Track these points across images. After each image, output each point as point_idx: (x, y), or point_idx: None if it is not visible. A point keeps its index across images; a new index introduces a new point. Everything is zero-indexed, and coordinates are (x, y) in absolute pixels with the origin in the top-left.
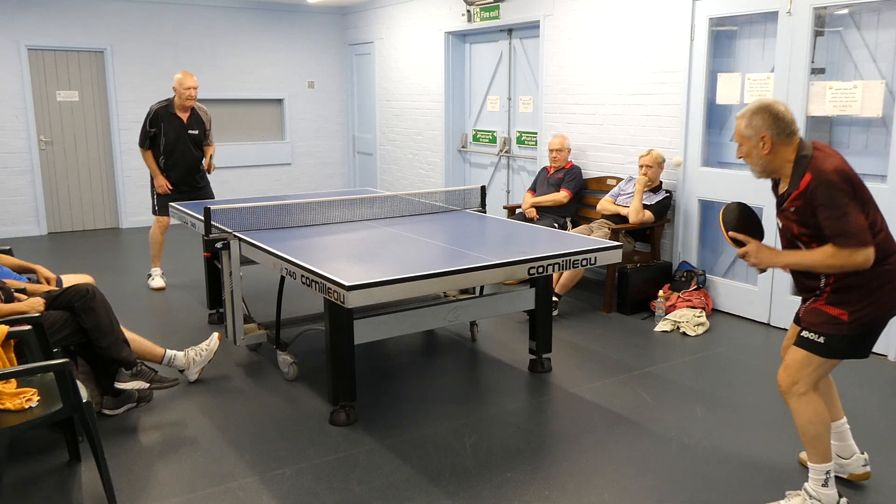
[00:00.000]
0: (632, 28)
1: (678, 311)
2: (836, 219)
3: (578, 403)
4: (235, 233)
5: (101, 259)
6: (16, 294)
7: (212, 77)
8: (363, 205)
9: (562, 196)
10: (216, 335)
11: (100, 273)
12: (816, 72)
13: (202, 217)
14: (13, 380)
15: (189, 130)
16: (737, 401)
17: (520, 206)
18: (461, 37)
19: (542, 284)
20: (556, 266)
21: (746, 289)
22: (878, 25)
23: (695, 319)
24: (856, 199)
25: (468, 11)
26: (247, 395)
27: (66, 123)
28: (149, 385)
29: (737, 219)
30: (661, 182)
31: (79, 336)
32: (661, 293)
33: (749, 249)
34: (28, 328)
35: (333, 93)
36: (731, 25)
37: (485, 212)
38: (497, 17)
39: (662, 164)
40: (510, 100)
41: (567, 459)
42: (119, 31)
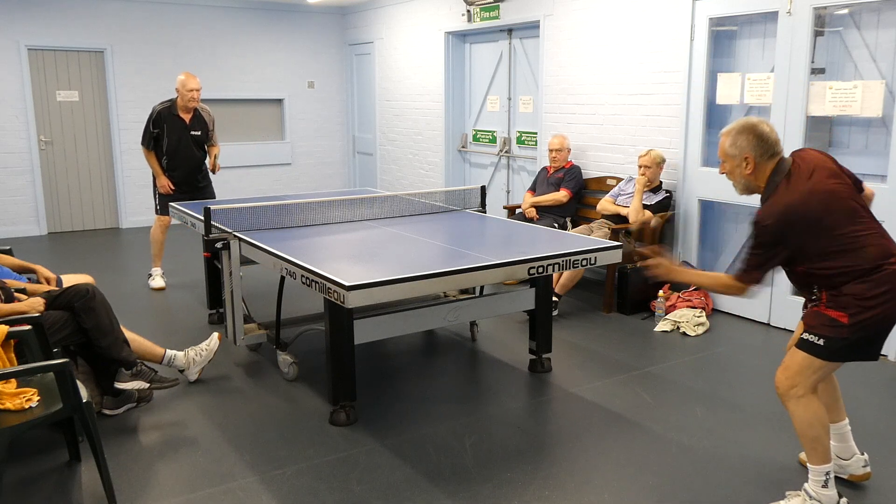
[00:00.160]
0: (632, 28)
1: (678, 311)
2: (747, 249)
3: (578, 403)
4: (235, 233)
5: (101, 259)
6: (16, 294)
7: (212, 77)
8: (363, 205)
9: (562, 196)
10: (216, 335)
11: (100, 273)
12: (816, 72)
13: (202, 217)
14: (13, 380)
15: (192, 131)
16: (737, 401)
17: (520, 206)
18: (461, 37)
19: (542, 284)
20: (556, 266)
21: None
22: (878, 25)
23: (695, 319)
24: (779, 245)
25: (468, 11)
26: (247, 395)
27: (66, 123)
28: (149, 385)
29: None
30: (661, 182)
31: (79, 336)
32: (661, 293)
33: (651, 262)
34: (28, 328)
35: (333, 93)
36: (731, 25)
37: (485, 212)
38: (497, 17)
39: (661, 165)
40: (510, 100)
41: (567, 459)
42: (119, 31)
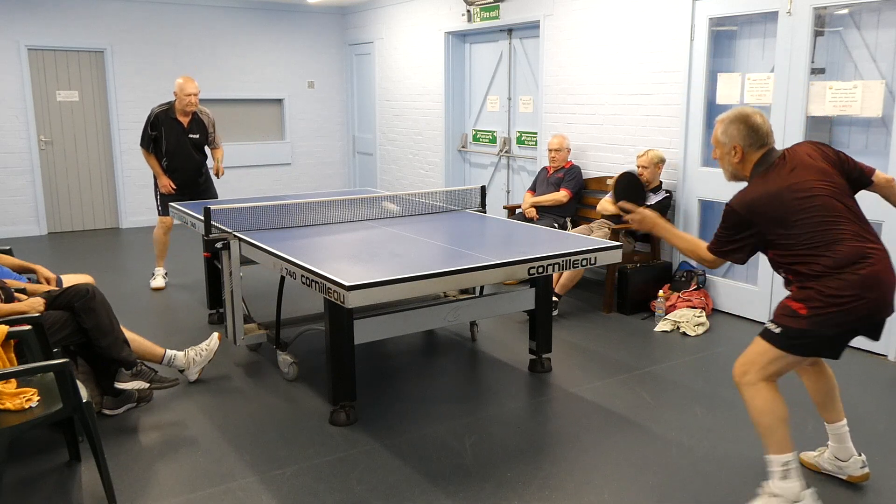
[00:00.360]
0: (632, 28)
1: (678, 311)
2: (721, 231)
3: (578, 403)
4: (235, 233)
5: (101, 259)
6: (16, 294)
7: (212, 77)
8: (363, 205)
9: (562, 196)
10: (216, 335)
11: (100, 273)
12: (816, 72)
13: (202, 217)
14: (13, 380)
15: (190, 135)
16: (737, 401)
17: (520, 206)
18: (461, 37)
19: (542, 284)
20: (556, 266)
21: (746, 289)
22: (878, 25)
23: (695, 319)
24: (744, 231)
25: (468, 11)
26: (247, 395)
27: (66, 123)
28: (149, 385)
29: (623, 189)
30: (661, 182)
31: (79, 336)
32: (661, 293)
33: (633, 217)
34: (28, 328)
35: (333, 93)
36: (731, 25)
37: (485, 212)
38: (497, 17)
39: (659, 165)
40: (510, 100)
41: (567, 459)
42: (119, 31)
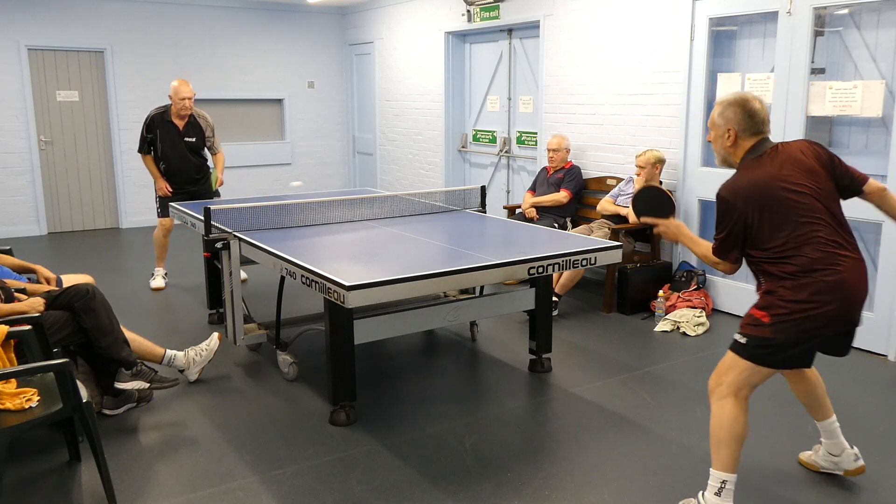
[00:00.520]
0: (632, 28)
1: (678, 311)
2: (716, 227)
3: (578, 403)
4: (235, 233)
5: (101, 259)
6: (16, 294)
7: (212, 77)
8: (363, 205)
9: (562, 196)
10: (216, 335)
11: (100, 273)
12: (816, 72)
13: (202, 217)
14: (13, 380)
15: (185, 138)
16: None
17: (520, 206)
18: (461, 37)
19: (542, 284)
20: (556, 266)
21: (746, 289)
22: (878, 25)
23: (695, 319)
24: (737, 220)
25: (468, 11)
26: (247, 395)
27: (66, 123)
28: (149, 385)
29: (646, 204)
30: (661, 182)
31: (79, 336)
32: (661, 293)
33: (659, 229)
34: (28, 328)
35: (333, 93)
36: (731, 25)
37: (485, 212)
38: (497, 17)
39: (658, 165)
40: (510, 100)
41: (567, 459)
42: (119, 31)
